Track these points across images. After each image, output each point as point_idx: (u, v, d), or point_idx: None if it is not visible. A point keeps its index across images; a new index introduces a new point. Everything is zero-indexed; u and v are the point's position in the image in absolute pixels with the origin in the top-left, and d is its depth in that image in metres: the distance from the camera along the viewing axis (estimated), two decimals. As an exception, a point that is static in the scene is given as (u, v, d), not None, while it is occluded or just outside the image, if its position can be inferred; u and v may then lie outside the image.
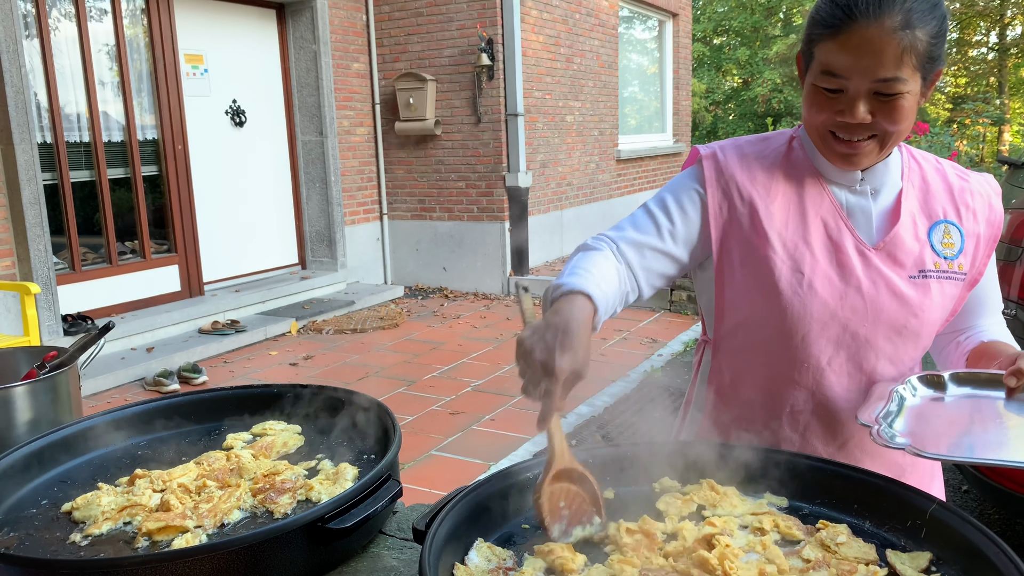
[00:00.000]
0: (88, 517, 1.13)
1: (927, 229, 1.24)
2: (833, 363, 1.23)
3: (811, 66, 1.15)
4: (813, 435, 1.26)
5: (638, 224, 1.26)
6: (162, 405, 1.45)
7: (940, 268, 1.23)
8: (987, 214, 1.28)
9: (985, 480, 2.60)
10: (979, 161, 13.12)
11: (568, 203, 8.43)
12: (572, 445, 1.06)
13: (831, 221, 1.23)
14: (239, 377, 5.09)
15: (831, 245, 1.22)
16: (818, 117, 1.16)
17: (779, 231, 1.22)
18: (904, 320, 1.21)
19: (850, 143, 1.15)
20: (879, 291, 1.20)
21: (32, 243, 4.82)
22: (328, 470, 1.26)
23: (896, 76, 1.08)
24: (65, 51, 5.30)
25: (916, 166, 1.29)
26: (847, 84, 1.11)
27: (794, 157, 1.27)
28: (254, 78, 6.72)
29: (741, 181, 1.24)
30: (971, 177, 1.31)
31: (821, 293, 1.20)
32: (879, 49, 1.07)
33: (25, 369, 1.61)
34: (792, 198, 1.24)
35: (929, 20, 1.08)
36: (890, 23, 1.06)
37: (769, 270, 1.21)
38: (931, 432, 1.06)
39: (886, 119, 1.12)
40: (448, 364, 5.31)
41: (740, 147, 1.29)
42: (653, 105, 11.23)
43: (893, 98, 1.10)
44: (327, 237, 7.22)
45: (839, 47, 1.09)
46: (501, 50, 7.06)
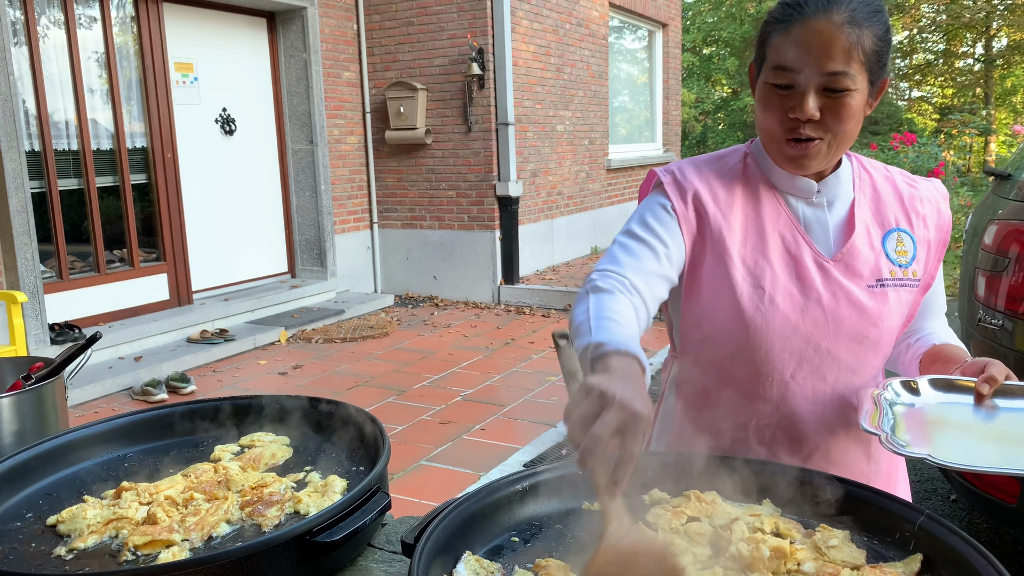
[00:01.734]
0: (73, 530, 1.12)
1: (881, 238, 1.26)
2: (796, 376, 1.24)
3: (763, 67, 1.19)
4: (779, 447, 1.27)
5: (635, 253, 1.22)
6: (149, 416, 1.44)
7: (896, 276, 1.25)
8: (936, 219, 1.31)
9: (974, 490, 2.60)
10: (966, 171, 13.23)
11: (559, 212, 8.44)
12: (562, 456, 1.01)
13: (789, 235, 1.25)
14: (228, 387, 5.06)
15: (790, 259, 1.24)
16: (770, 117, 1.18)
17: (739, 248, 1.24)
18: (864, 330, 1.23)
19: (800, 144, 1.17)
20: (839, 303, 1.22)
21: (19, 251, 4.79)
22: (316, 482, 1.25)
23: (844, 70, 1.12)
24: (54, 58, 5.28)
25: (866, 175, 1.31)
26: (797, 79, 1.14)
27: (750, 173, 1.29)
28: (244, 86, 6.71)
29: (704, 199, 1.26)
30: (920, 184, 1.33)
31: (782, 308, 1.22)
32: (828, 42, 1.11)
33: (10, 380, 1.60)
34: (750, 214, 1.26)
35: (875, 21, 1.13)
36: (838, 17, 1.11)
37: (731, 286, 1.23)
38: (928, 439, 1.07)
39: (834, 117, 1.14)
40: (438, 373, 5.30)
41: (697, 166, 1.31)
42: (643, 115, 11.28)
43: (841, 95, 1.13)
44: (317, 246, 7.20)
45: (790, 41, 1.13)
46: (492, 60, 7.08)
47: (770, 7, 1.23)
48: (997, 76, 21.36)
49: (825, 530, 0.99)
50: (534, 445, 4.03)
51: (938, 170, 8.04)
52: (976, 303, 2.62)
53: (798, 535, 1.00)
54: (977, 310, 2.60)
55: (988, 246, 2.59)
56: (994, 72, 21.21)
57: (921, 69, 22.73)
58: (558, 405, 4.62)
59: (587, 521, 1.07)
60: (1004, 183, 2.85)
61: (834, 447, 1.28)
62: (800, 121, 1.15)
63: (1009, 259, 2.45)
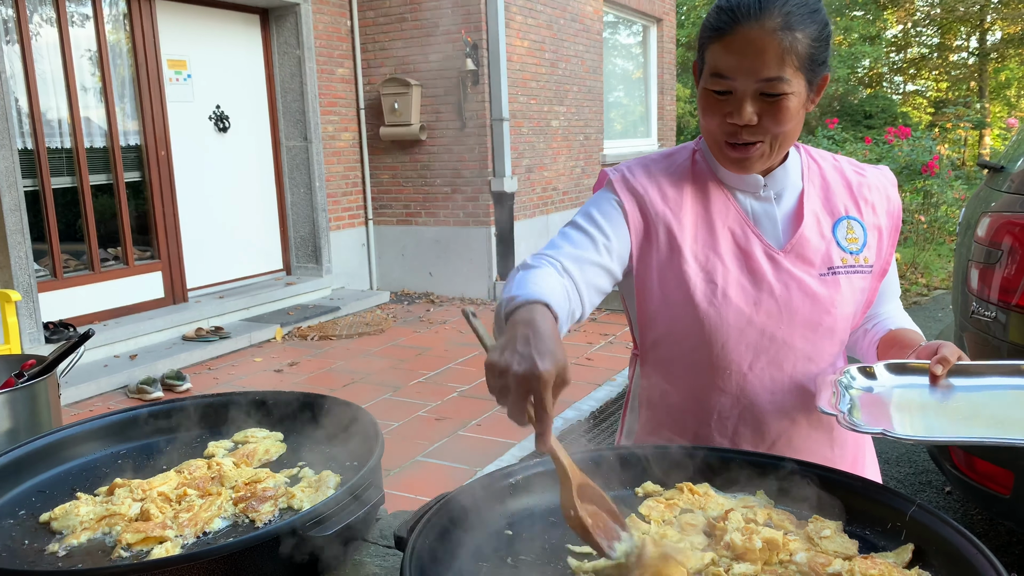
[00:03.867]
0: (66, 527, 1.12)
1: (831, 226, 1.28)
2: (754, 367, 1.26)
3: (703, 72, 1.19)
4: (742, 439, 1.29)
5: (574, 241, 1.23)
6: (142, 413, 1.43)
7: (847, 263, 1.27)
8: (886, 206, 1.33)
9: (968, 481, 2.61)
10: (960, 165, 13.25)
11: (554, 208, 8.44)
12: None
13: (738, 229, 1.26)
14: (223, 384, 5.05)
15: (740, 253, 1.25)
16: (711, 121, 1.20)
17: (691, 244, 1.25)
18: (818, 318, 1.25)
19: (741, 148, 1.19)
20: (791, 293, 1.24)
21: (13, 250, 4.77)
22: (310, 478, 1.25)
23: (779, 76, 1.12)
24: (46, 56, 5.26)
25: (815, 165, 1.33)
26: (734, 85, 1.14)
27: (698, 170, 1.30)
28: (238, 83, 6.69)
29: (652, 198, 1.27)
30: (867, 171, 1.35)
31: (735, 301, 1.23)
32: (761, 49, 1.11)
33: (3, 377, 1.60)
34: (700, 211, 1.27)
35: (809, 23, 1.13)
36: (770, 24, 1.11)
37: (684, 283, 1.24)
38: (886, 418, 1.09)
39: (772, 120, 1.15)
40: (434, 370, 5.30)
41: (647, 166, 1.32)
42: (638, 110, 11.27)
43: (778, 99, 1.14)
44: (312, 243, 7.19)
45: (725, 49, 1.14)
46: (486, 55, 7.07)
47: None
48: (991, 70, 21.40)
49: (817, 521, 1.00)
50: (529, 440, 4.03)
51: (932, 164, 8.05)
52: (969, 295, 2.63)
53: (791, 526, 1.00)
54: (971, 302, 2.60)
55: (981, 238, 2.59)
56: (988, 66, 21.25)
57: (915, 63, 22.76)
58: (554, 400, 4.62)
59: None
60: (997, 175, 2.86)
61: (796, 435, 1.29)
62: (739, 126, 1.16)
63: (1002, 251, 2.46)
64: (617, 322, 6.43)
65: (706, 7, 21.84)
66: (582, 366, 5.30)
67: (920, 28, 22.01)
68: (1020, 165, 2.67)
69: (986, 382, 1.17)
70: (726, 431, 1.29)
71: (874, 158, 8.49)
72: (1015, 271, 2.43)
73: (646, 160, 1.34)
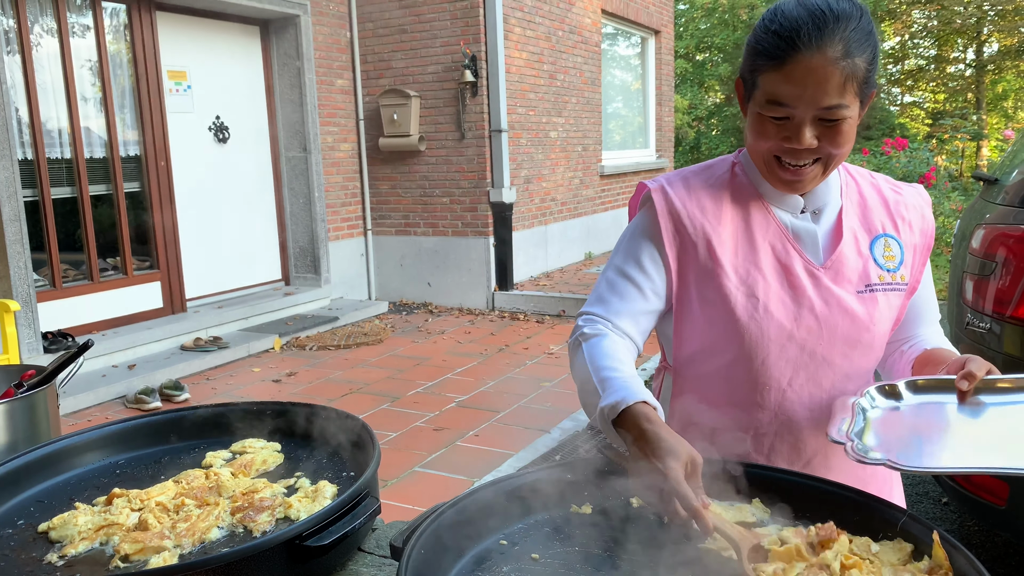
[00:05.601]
0: (64, 537, 1.13)
1: (869, 243, 1.28)
2: (794, 383, 1.25)
3: (754, 95, 1.17)
4: (778, 455, 1.28)
5: (621, 292, 1.26)
6: (140, 423, 1.44)
7: (884, 280, 1.26)
8: (921, 224, 1.32)
9: (964, 492, 2.62)
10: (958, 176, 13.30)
11: (552, 218, 8.46)
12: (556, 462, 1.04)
13: (779, 245, 1.25)
14: (222, 394, 5.05)
15: (781, 268, 1.24)
16: (764, 144, 1.19)
17: (731, 258, 1.24)
18: (857, 335, 1.25)
19: (795, 170, 1.19)
20: (831, 309, 1.24)
21: (12, 260, 4.79)
22: (307, 488, 1.25)
23: (840, 103, 1.11)
24: (47, 67, 5.29)
25: (853, 182, 1.33)
26: (793, 112, 1.13)
27: (738, 183, 1.29)
28: (237, 94, 6.72)
29: (691, 211, 1.27)
30: (904, 190, 1.35)
31: (776, 316, 1.23)
32: (823, 78, 1.10)
33: (2, 387, 1.60)
34: (740, 224, 1.26)
35: (866, 47, 1.12)
36: (832, 53, 1.09)
37: (724, 297, 1.23)
38: (900, 443, 1.08)
39: (830, 143, 1.15)
40: (432, 380, 5.31)
41: (686, 178, 1.31)
42: (636, 121, 11.32)
43: (837, 123, 1.14)
44: (311, 253, 7.21)
45: (784, 78, 1.12)
46: (485, 67, 7.11)
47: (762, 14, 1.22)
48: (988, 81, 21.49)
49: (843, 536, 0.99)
50: (528, 451, 4.04)
51: (929, 175, 8.09)
52: (964, 306, 2.64)
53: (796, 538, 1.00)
54: (965, 313, 2.62)
55: (976, 250, 2.61)
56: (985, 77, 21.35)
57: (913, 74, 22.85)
58: (551, 411, 4.62)
59: (575, 524, 1.08)
60: (992, 187, 2.88)
61: (832, 453, 1.28)
62: (797, 149, 1.16)
63: (996, 263, 2.48)
64: (615, 332, 6.43)
65: (703, 19, 21.94)
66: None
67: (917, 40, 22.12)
68: (1014, 178, 2.69)
69: (1018, 398, 1.11)
70: (762, 447, 1.28)
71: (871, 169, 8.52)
72: (1009, 283, 2.44)
73: (685, 172, 1.33)
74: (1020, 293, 2.38)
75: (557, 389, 5.05)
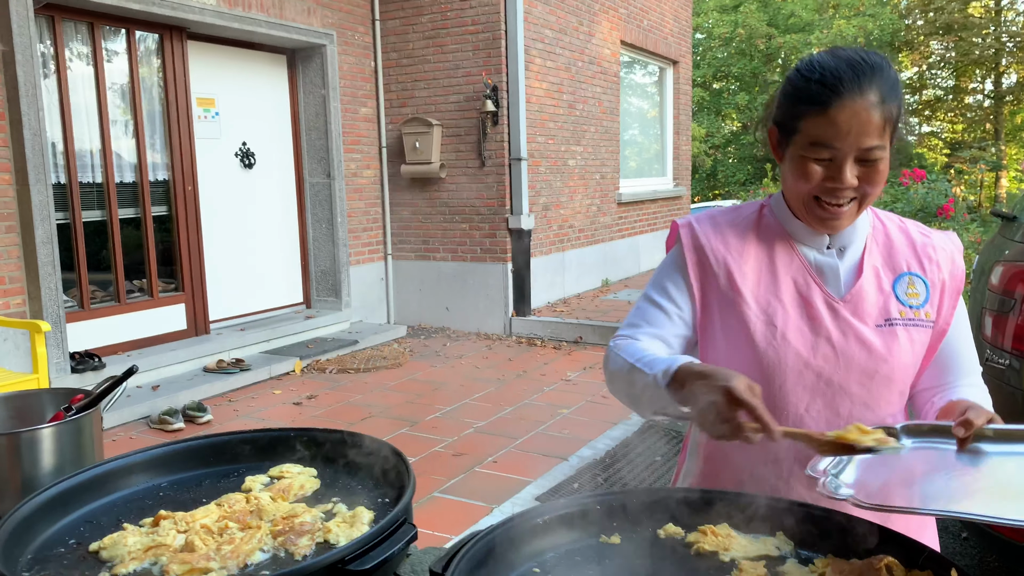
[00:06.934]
0: (115, 556, 1.17)
1: (891, 281, 1.34)
2: (811, 410, 1.31)
3: (795, 139, 1.27)
4: (797, 481, 1.32)
5: (650, 318, 1.38)
6: (182, 447, 1.50)
7: (906, 316, 1.32)
8: (950, 267, 1.38)
9: (985, 528, 2.62)
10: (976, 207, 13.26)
11: (570, 245, 8.53)
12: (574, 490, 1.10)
13: (800, 279, 1.34)
14: (244, 416, 5.12)
15: (801, 300, 1.33)
16: (806, 186, 1.27)
17: (752, 289, 1.34)
18: (875, 366, 1.30)
19: (834, 208, 1.27)
20: (848, 340, 1.30)
21: (43, 281, 4.90)
22: (344, 513, 1.30)
23: (879, 144, 1.22)
24: (81, 93, 5.44)
25: (880, 224, 1.41)
26: (836, 152, 1.23)
27: (765, 223, 1.39)
28: (264, 121, 6.86)
29: (715, 245, 1.37)
30: (933, 235, 1.41)
31: (794, 343, 1.30)
32: (866, 121, 1.20)
33: (48, 410, 1.67)
34: (763, 259, 1.36)
35: (897, 94, 1.24)
36: (872, 97, 1.21)
37: (744, 324, 1.32)
38: (879, 483, 1.10)
39: (868, 182, 1.25)
40: (450, 405, 5.35)
41: (713, 216, 1.43)
42: (653, 148, 11.41)
43: (874, 163, 1.24)
44: (332, 277, 7.30)
45: (828, 121, 1.22)
46: (506, 97, 7.22)
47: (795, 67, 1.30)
48: (1007, 112, 21.49)
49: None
50: (546, 478, 4.06)
51: (948, 207, 8.08)
52: (983, 343, 2.66)
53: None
54: (984, 350, 2.64)
55: (995, 286, 2.64)
56: (1004, 108, 21.34)
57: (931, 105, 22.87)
58: (569, 439, 4.65)
59: (604, 553, 1.12)
60: (1010, 225, 2.90)
61: None
62: (839, 188, 1.24)
63: (1015, 300, 2.50)
64: (632, 360, 6.45)
65: (721, 48, 22.11)
66: (597, 404, 5.33)
67: (935, 70, 22.17)
68: (1032, 215, 2.72)
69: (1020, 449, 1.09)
70: (781, 472, 1.33)
71: (888, 200, 8.53)
72: (1021, 320, 2.47)
73: (713, 212, 1.45)
74: (1037, 330, 2.40)
75: (575, 416, 5.07)
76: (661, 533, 1.16)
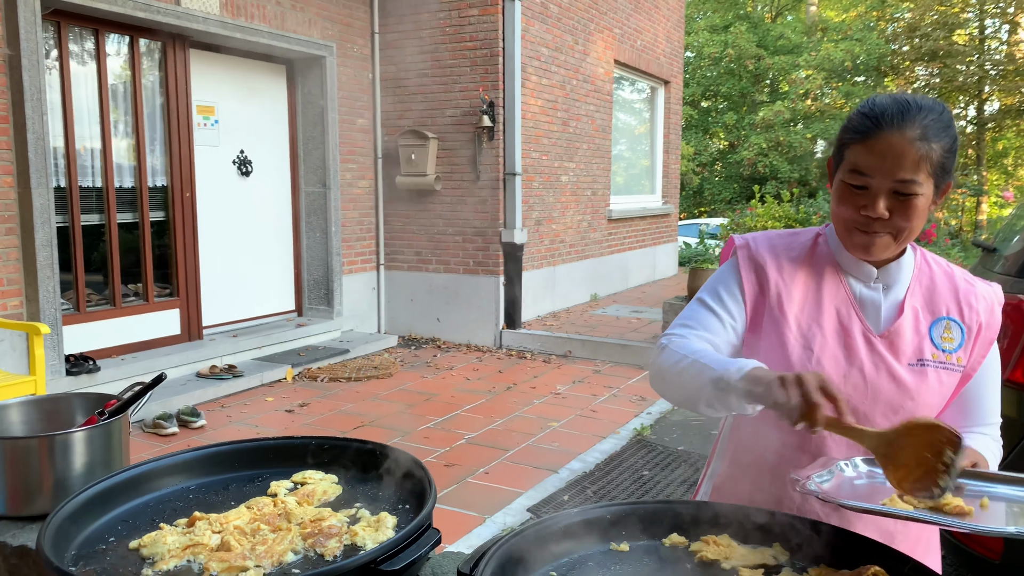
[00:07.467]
0: (155, 554, 1.25)
1: (929, 324, 1.40)
2: (834, 435, 1.37)
3: (841, 166, 1.36)
4: (813, 497, 1.40)
5: (703, 321, 1.43)
6: (210, 453, 1.57)
7: (938, 359, 1.38)
8: (988, 317, 1.42)
9: (960, 545, 2.73)
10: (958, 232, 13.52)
11: (561, 259, 8.64)
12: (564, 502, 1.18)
13: (843, 309, 1.41)
14: (236, 422, 5.17)
15: (841, 330, 1.39)
16: (844, 210, 1.35)
17: (796, 314, 1.41)
18: (900, 401, 1.37)
19: (869, 235, 1.34)
20: (879, 373, 1.37)
21: (42, 284, 4.94)
22: (368, 518, 1.38)
23: (913, 179, 1.28)
24: (84, 99, 5.49)
25: (927, 267, 1.45)
26: (871, 182, 1.30)
27: (818, 252, 1.46)
28: (262, 130, 6.94)
29: (769, 268, 1.44)
30: (977, 284, 1.46)
31: (827, 369, 1.37)
32: (900, 154, 1.27)
33: (77, 413, 1.74)
34: (811, 286, 1.43)
35: (943, 136, 1.29)
36: (911, 134, 1.27)
37: (784, 346, 1.39)
38: (851, 494, 1.21)
39: (901, 216, 1.31)
40: (442, 416, 5.42)
41: (771, 239, 1.49)
42: (641, 163, 11.56)
43: (909, 198, 1.29)
44: (325, 285, 7.37)
45: (866, 150, 1.30)
46: (502, 112, 7.34)
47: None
48: (989, 138, 21.87)
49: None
50: (537, 490, 4.14)
51: (931, 231, 8.26)
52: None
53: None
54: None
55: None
56: (986, 134, 21.72)
57: (915, 130, 23.18)
58: (559, 451, 4.74)
59: (615, 559, 1.22)
60: (990, 256, 3.03)
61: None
62: (871, 218, 1.31)
63: (994, 328, 2.62)
64: (621, 375, 6.56)
65: (710, 67, 22.40)
66: (587, 418, 5.42)
67: (920, 96, 22.53)
68: (1011, 248, 2.85)
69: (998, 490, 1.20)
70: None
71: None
72: (1007, 347, 2.59)
73: (771, 235, 1.51)
74: (1016, 357, 2.52)
75: (564, 430, 5.16)
76: (666, 542, 1.25)
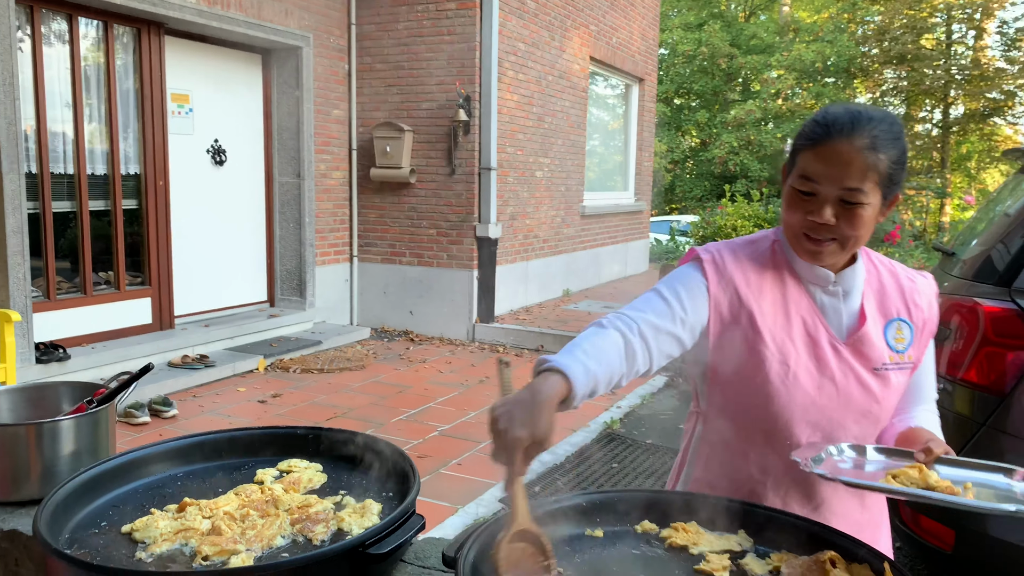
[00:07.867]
0: (148, 538, 1.29)
1: (883, 327, 1.45)
2: (811, 441, 1.44)
3: (792, 172, 1.39)
4: (792, 499, 1.47)
5: (654, 307, 1.40)
6: (197, 441, 1.62)
7: (894, 361, 1.44)
8: (930, 312, 1.50)
9: (914, 537, 2.86)
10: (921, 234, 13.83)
11: (534, 254, 8.71)
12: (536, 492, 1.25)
13: (809, 319, 1.43)
14: (208, 412, 5.17)
15: (809, 340, 1.42)
16: (793, 216, 1.39)
17: (770, 328, 1.42)
18: (868, 406, 1.43)
19: (816, 241, 1.37)
20: (849, 381, 1.42)
21: (12, 271, 4.89)
22: (354, 505, 1.44)
23: (859, 187, 1.31)
24: (56, 85, 5.43)
25: (875, 269, 1.50)
26: (819, 188, 1.33)
27: (777, 260, 1.47)
28: (237, 119, 6.90)
29: (739, 283, 1.44)
30: (917, 279, 1.52)
31: (803, 383, 1.40)
32: (847, 162, 1.30)
33: (63, 402, 1.78)
34: (778, 298, 1.44)
35: (891, 148, 1.32)
36: (859, 143, 1.30)
37: (761, 362, 1.41)
38: (846, 474, 1.30)
39: (847, 224, 1.33)
40: (415, 408, 5.47)
41: (734, 251, 1.49)
42: (615, 159, 11.67)
43: (855, 207, 1.32)
44: (297, 276, 7.36)
45: (815, 157, 1.33)
46: (478, 107, 7.38)
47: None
48: (953, 142, 22.36)
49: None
50: (509, 481, 4.20)
51: (895, 233, 8.46)
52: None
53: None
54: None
55: (933, 316, 2.88)
56: (951, 138, 22.21)
57: (882, 132, 23.60)
58: (531, 443, 4.80)
59: (588, 544, 1.29)
60: (949, 259, 3.16)
61: (836, 500, 1.48)
62: (817, 224, 1.34)
63: (951, 330, 2.74)
64: (591, 369, 6.65)
65: (684, 65, 22.60)
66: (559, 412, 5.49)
67: (888, 98, 22.97)
68: (967, 253, 2.97)
69: (969, 475, 1.29)
70: (779, 490, 1.46)
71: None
72: (962, 347, 2.71)
73: (732, 245, 1.50)
74: (970, 358, 2.64)
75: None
76: (638, 528, 1.33)
